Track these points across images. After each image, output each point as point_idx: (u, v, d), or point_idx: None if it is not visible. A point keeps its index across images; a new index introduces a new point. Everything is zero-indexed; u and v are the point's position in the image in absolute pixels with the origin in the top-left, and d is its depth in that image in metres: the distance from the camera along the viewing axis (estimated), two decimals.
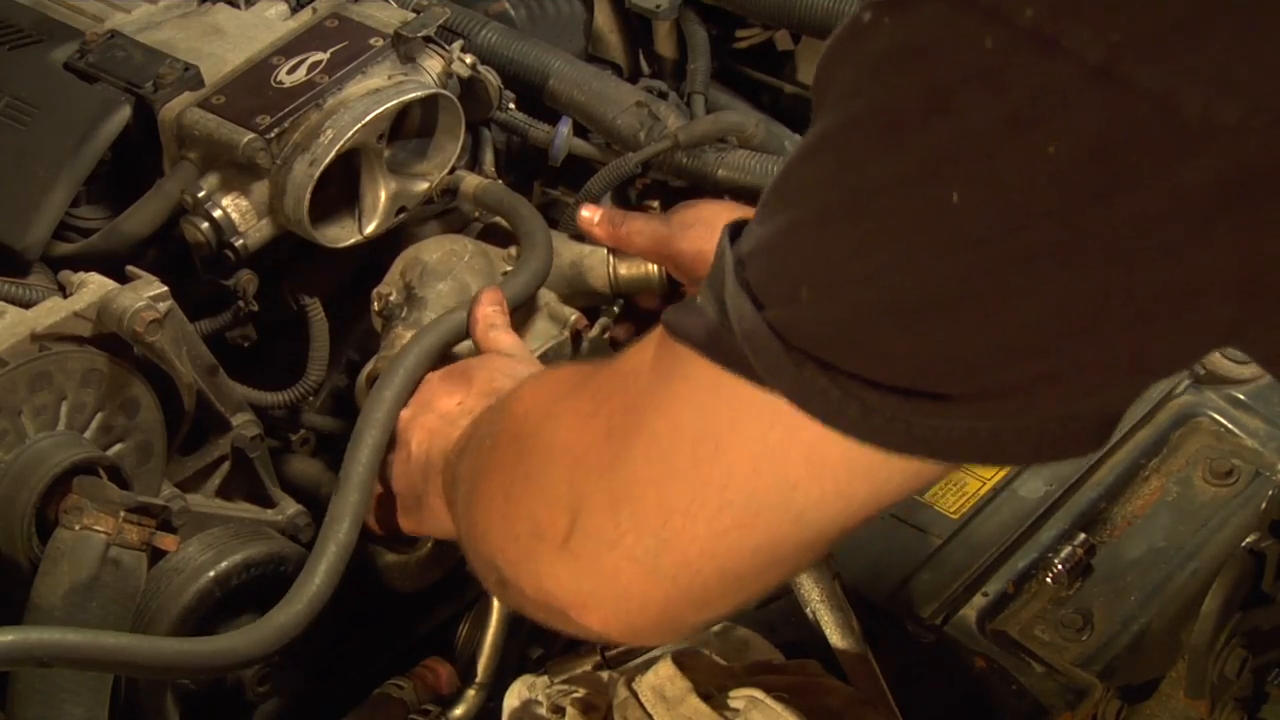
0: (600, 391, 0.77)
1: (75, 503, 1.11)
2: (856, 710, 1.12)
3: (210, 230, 1.32)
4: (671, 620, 0.76)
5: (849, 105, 0.59)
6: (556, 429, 0.79)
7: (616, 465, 0.73)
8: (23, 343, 1.15)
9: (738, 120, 1.58)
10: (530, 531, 0.79)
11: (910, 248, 0.58)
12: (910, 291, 0.58)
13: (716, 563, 0.71)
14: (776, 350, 0.62)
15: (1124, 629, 1.33)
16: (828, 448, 0.64)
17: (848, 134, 0.59)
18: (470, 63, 1.46)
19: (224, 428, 1.32)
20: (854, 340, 0.61)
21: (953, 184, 0.55)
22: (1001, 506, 1.41)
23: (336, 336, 1.45)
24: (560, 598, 0.77)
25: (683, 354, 0.69)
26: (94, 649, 1.05)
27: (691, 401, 0.69)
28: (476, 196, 1.44)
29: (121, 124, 1.33)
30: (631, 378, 0.74)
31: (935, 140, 0.55)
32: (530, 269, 1.33)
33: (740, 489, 0.68)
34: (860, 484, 0.67)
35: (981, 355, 0.59)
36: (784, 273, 0.62)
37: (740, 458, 0.67)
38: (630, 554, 0.72)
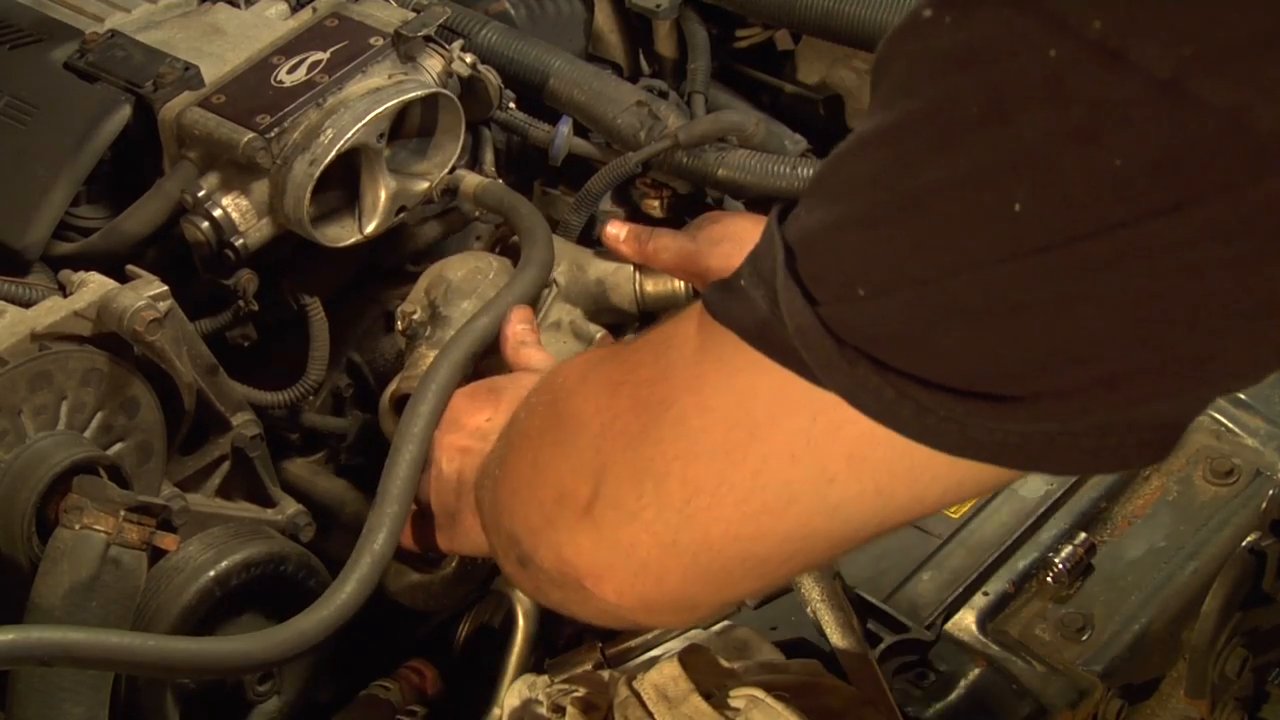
0: (632, 361, 0.76)
1: (75, 502, 1.11)
2: (857, 710, 1.12)
3: (210, 230, 1.32)
4: (687, 599, 0.76)
5: (904, 103, 0.58)
6: (586, 396, 0.79)
7: (643, 437, 0.72)
8: (23, 342, 1.15)
9: (738, 120, 1.58)
10: (554, 498, 0.78)
11: (969, 252, 0.57)
12: (969, 295, 0.58)
13: (740, 545, 0.70)
14: (829, 347, 0.62)
15: (1124, 629, 1.33)
16: (872, 446, 0.64)
17: (902, 133, 0.59)
18: (470, 62, 1.46)
19: (224, 427, 1.32)
20: (910, 340, 0.60)
21: (1013, 192, 0.55)
22: (1002, 506, 1.41)
23: (336, 336, 1.45)
24: (579, 567, 0.77)
25: (722, 336, 0.68)
26: (101, 648, 1.04)
27: (727, 385, 0.68)
28: (476, 196, 1.44)
29: (121, 123, 1.33)
30: (665, 350, 0.73)
31: (994, 147, 0.55)
32: (534, 266, 1.33)
33: (775, 476, 0.67)
34: (901, 485, 0.66)
35: (1040, 359, 0.58)
36: (837, 269, 0.62)
37: (778, 446, 0.67)
38: (650, 527, 0.72)
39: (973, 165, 0.56)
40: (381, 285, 1.53)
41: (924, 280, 0.58)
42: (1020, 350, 0.58)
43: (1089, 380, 0.59)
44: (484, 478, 0.96)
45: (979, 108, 0.55)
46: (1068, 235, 0.54)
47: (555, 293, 1.37)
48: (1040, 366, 0.59)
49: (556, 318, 1.36)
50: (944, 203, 0.57)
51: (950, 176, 0.56)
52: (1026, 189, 0.54)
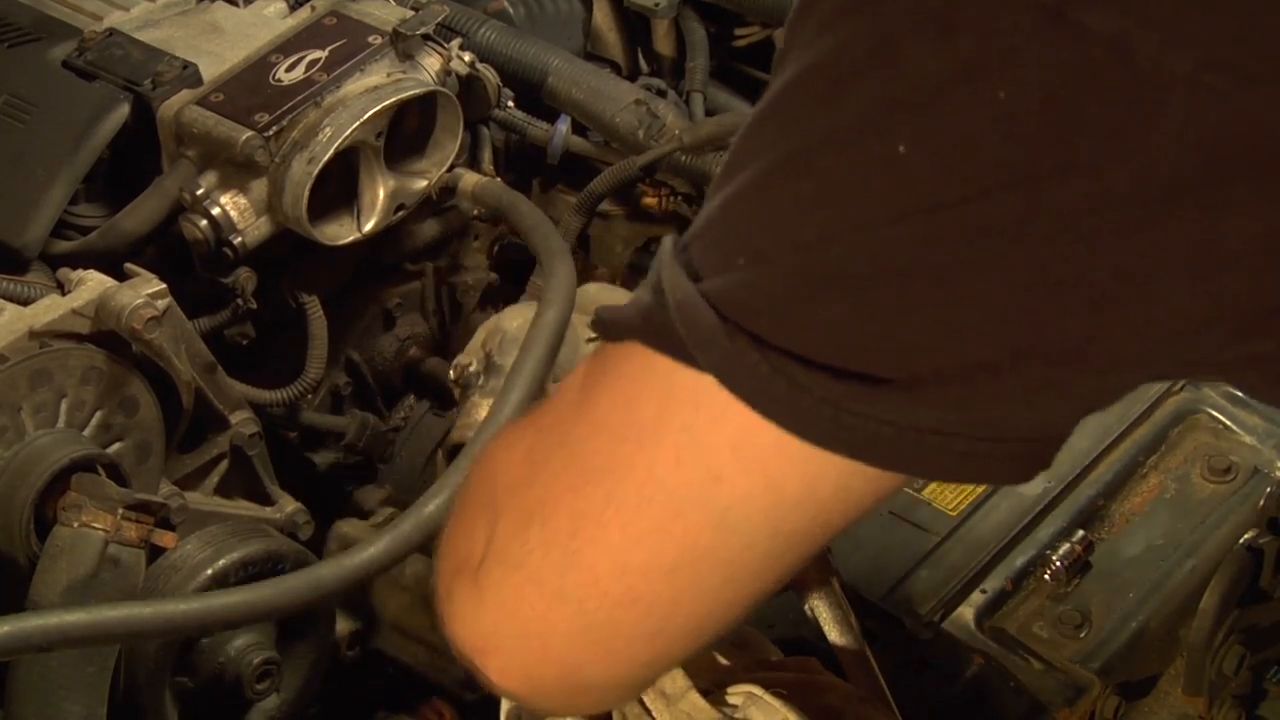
0: (531, 416, 0.72)
1: (74, 500, 1.11)
2: (855, 707, 1.12)
3: (209, 228, 1.32)
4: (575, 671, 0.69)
5: (797, 61, 0.57)
6: (491, 459, 0.73)
7: (532, 479, 0.67)
8: (21, 340, 1.15)
9: (742, 121, 1.57)
10: (454, 569, 0.72)
11: (853, 209, 0.55)
12: (851, 261, 0.55)
13: (627, 580, 0.65)
14: (709, 321, 0.59)
15: (1122, 626, 1.33)
16: (756, 433, 0.60)
17: (792, 91, 0.57)
18: (469, 61, 1.46)
19: (223, 426, 1.33)
20: (788, 310, 0.58)
21: (899, 135, 0.53)
22: (1000, 503, 1.41)
23: (335, 334, 1.45)
24: (466, 640, 0.70)
25: (609, 353, 0.65)
26: (98, 623, 1.04)
27: (616, 396, 0.64)
28: (475, 194, 1.44)
29: (120, 122, 1.34)
30: (559, 396, 0.69)
31: (881, 91, 0.54)
32: (560, 261, 1.31)
33: (661, 484, 0.63)
34: (791, 477, 0.61)
35: (921, 333, 0.56)
36: (723, 242, 0.60)
37: (663, 448, 0.62)
38: (535, 575, 0.66)
39: (859, 112, 0.54)
40: (380, 283, 1.53)
41: (803, 244, 0.56)
42: (901, 322, 0.56)
43: (971, 361, 0.56)
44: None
45: (867, 53, 0.54)
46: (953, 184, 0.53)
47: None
48: (921, 341, 0.56)
49: None
50: (828, 156, 0.55)
51: (836, 126, 0.55)
52: (911, 130, 0.53)
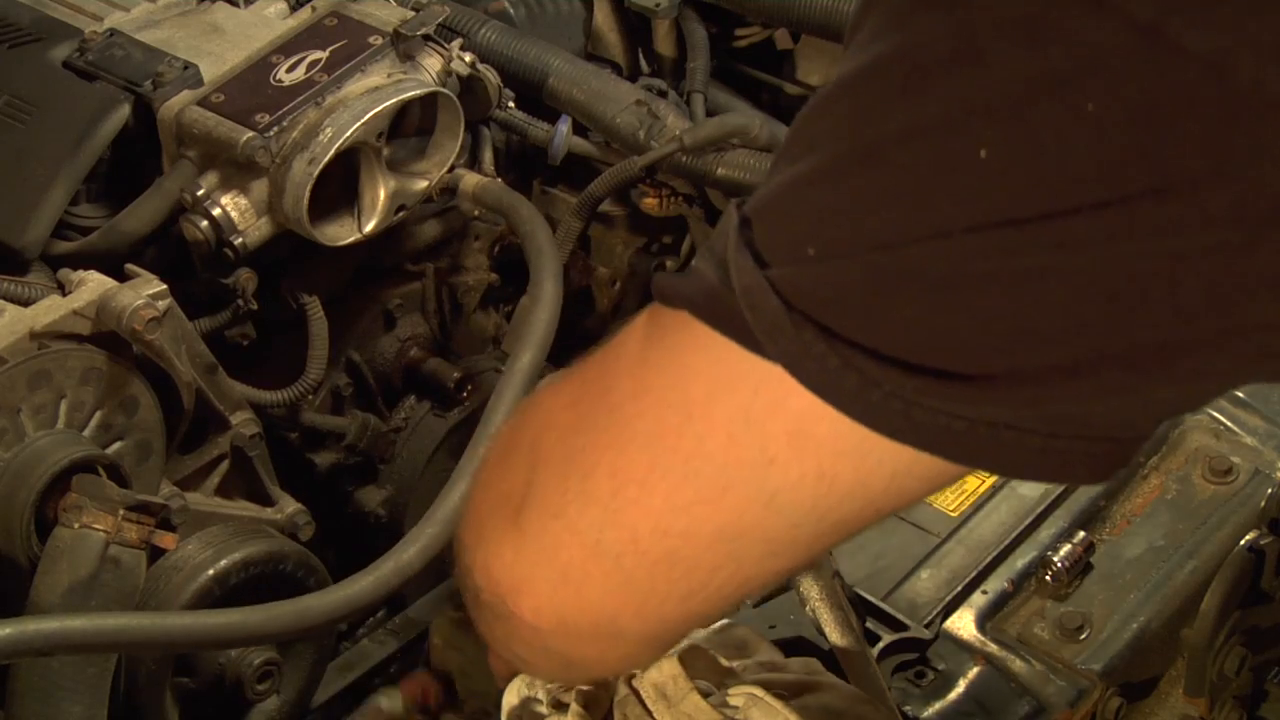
0: (582, 364, 0.71)
1: (74, 501, 1.11)
2: (856, 708, 1.12)
3: (209, 229, 1.32)
4: (608, 619, 0.70)
5: (871, 49, 0.55)
6: (537, 405, 0.74)
7: (576, 428, 0.67)
8: (22, 340, 1.15)
9: (743, 122, 1.57)
10: (490, 508, 0.73)
11: (931, 210, 0.54)
12: (929, 264, 0.54)
13: (668, 543, 0.65)
14: (776, 310, 0.58)
15: (1123, 627, 1.33)
16: (815, 422, 0.59)
17: (867, 80, 0.55)
18: (469, 61, 1.46)
19: (223, 426, 1.33)
20: (861, 306, 0.57)
21: (981, 139, 0.52)
22: (1001, 504, 1.41)
23: (336, 335, 1.45)
24: (501, 581, 0.71)
25: (667, 318, 0.64)
26: (97, 632, 1.04)
27: (668, 366, 0.64)
28: (476, 195, 1.44)
29: (121, 122, 1.34)
30: (612, 347, 0.68)
31: (964, 90, 0.52)
32: (549, 272, 1.32)
33: (710, 458, 0.62)
34: (846, 467, 0.61)
35: (1001, 335, 0.55)
36: (791, 229, 0.58)
37: (715, 425, 0.62)
38: (573, 525, 0.67)
39: (940, 109, 0.53)
40: (381, 284, 1.53)
41: (880, 245, 0.55)
42: (980, 324, 0.55)
43: (1050, 363, 0.55)
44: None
45: (949, 48, 0.52)
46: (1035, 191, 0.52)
47: None
48: (999, 343, 0.55)
49: None
50: (906, 152, 0.54)
51: (914, 123, 0.53)
52: (996, 134, 0.52)
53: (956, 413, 0.57)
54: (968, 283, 0.54)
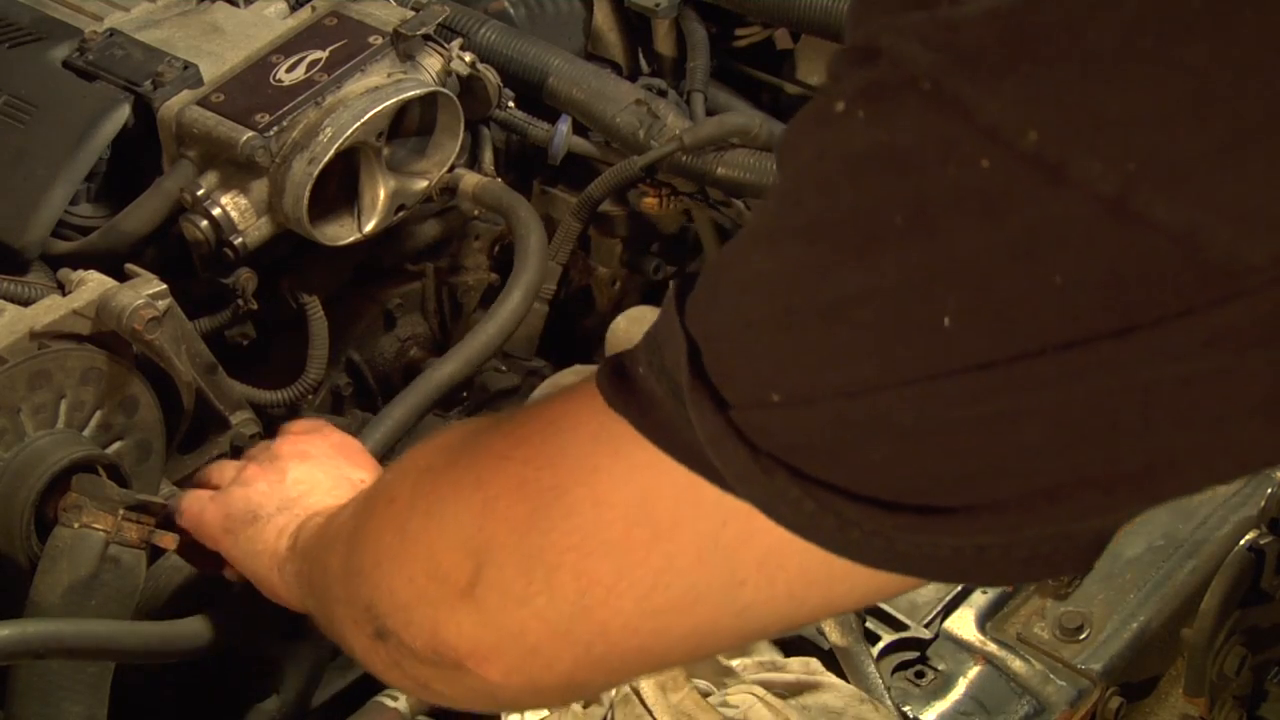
0: (518, 435, 0.69)
1: (74, 501, 1.11)
2: (856, 708, 1.12)
3: (209, 228, 1.32)
4: (579, 685, 0.72)
5: (818, 200, 0.54)
6: (467, 467, 0.72)
7: (530, 524, 0.66)
8: (21, 340, 1.15)
9: (743, 122, 1.58)
10: (427, 573, 0.72)
11: (896, 366, 0.53)
12: (897, 411, 0.53)
13: (640, 639, 0.65)
14: (743, 456, 0.57)
15: (1123, 627, 1.33)
16: (787, 554, 0.59)
17: (818, 233, 0.54)
18: (469, 61, 1.46)
19: (223, 426, 1.33)
20: (832, 451, 0.56)
21: (943, 306, 0.50)
22: None
23: (335, 335, 1.45)
24: (458, 647, 0.70)
25: (619, 426, 0.63)
26: (93, 636, 1.05)
27: (626, 481, 0.63)
28: (475, 195, 1.44)
29: (120, 122, 1.34)
30: (555, 432, 0.67)
31: (921, 260, 0.51)
32: (522, 284, 1.33)
33: (680, 576, 0.62)
34: (816, 591, 0.62)
35: (976, 473, 0.54)
36: (749, 371, 0.57)
37: (683, 547, 0.62)
38: (541, 614, 0.66)
39: (898, 276, 0.51)
40: (381, 284, 1.53)
41: (846, 392, 0.54)
42: (955, 465, 0.54)
43: (1028, 492, 0.54)
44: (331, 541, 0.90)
45: (903, 217, 0.51)
46: (1004, 352, 0.50)
47: None
48: (976, 480, 0.54)
49: None
50: (866, 312, 0.53)
51: (873, 286, 0.52)
52: (957, 304, 0.50)
53: (940, 541, 0.57)
54: (938, 426, 0.53)
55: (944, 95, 0.49)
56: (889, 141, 0.51)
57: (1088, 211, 0.47)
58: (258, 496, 1.07)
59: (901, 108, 0.51)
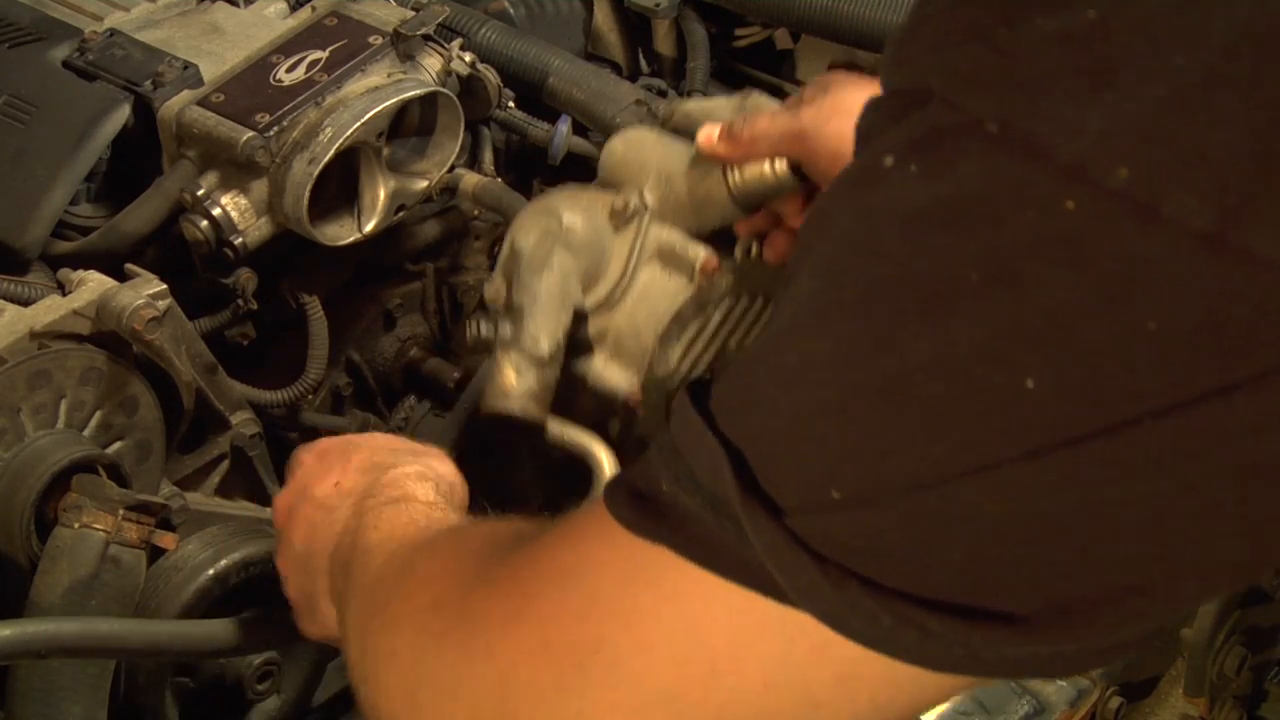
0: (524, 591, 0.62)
1: (74, 501, 1.11)
2: None
3: (209, 228, 1.32)
4: None
5: (870, 267, 0.49)
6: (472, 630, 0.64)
7: (562, 688, 0.59)
8: (22, 340, 1.15)
9: None
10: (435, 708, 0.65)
11: (975, 445, 0.48)
12: (978, 502, 0.48)
13: None
14: (808, 567, 0.52)
15: None
16: (867, 665, 0.54)
17: (873, 303, 0.49)
18: (469, 61, 1.46)
19: (223, 426, 1.33)
20: (907, 555, 0.51)
21: (1026, 366, 0.46)
22: None
23: (335, 335, 1.45)
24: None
25: (650, 555, 0.57)
26: (95, 636, 1.05)
27: (672, 615, 0.57)
28: (476, 195, 1.44)
29: (120, 122, 1.33)
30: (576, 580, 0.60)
31: (999, 317, 0.46)
32: None
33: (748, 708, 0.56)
34: (901, 696, 0.56)
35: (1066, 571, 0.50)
36: (805, 470, 0.52)
37: (748, 678, 0.56)
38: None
39: (972, 338, 0.47)
40: (381, 284, 1.53)
41: (917, 484, 0.49)
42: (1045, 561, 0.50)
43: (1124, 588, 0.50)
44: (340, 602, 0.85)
45: (978, 273, 0.46)
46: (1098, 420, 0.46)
47: (648, 217, 1.19)
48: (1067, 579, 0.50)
49: (656, 244, 1.19)
50: (936, 384, 0.48)
51: (943, 352, 0.47)
52: (1042, 360, 0.46)
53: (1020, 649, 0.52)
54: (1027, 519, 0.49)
55: (1014, 135, 0.46)
56: (952, 193, 0.47)
57: (1183, 249, 0.44)
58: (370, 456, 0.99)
59: (963, 155, 0.47)
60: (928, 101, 0.48)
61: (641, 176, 1.19)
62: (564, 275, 1.14)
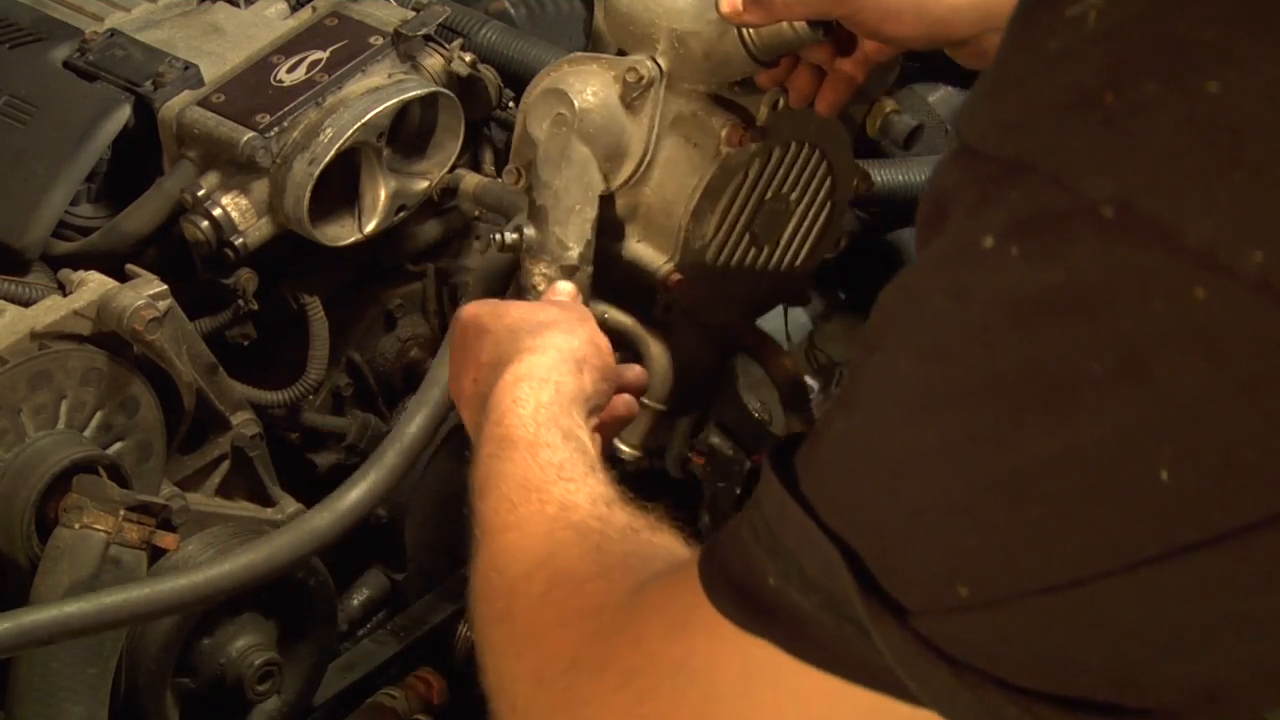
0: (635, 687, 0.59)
1: (75, 501, 1.11)
2: None
3: (210, 229, 1.32)
4: None
5: (981, 357, 0.47)
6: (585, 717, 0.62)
7: None
8: (22, 341, 1.15)
9: None
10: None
11: (1110, 541, 0.46)
12: (1115, 599, 0.46)
13: None
14: (943, 674, 0.50)
15: None
16: None
17: (989, 396, 0.47)
18: (470, 61, 1.46)
19: (224, 426, 1.33)
20: (1044, 656, 0.49)
21: (1159, 460, 0.44)
22: None
23: (336, 335, 1.45)
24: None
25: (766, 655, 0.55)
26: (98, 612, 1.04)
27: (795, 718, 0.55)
28: (476, 195, 1.44)
29: (121, 122, 1.33)
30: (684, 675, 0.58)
31: (1131, 409, 0.44)
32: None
33: None
34: None
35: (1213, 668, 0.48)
36: (930, 569, 0.50)
37: None
38: None
39: (1102, 431, 0.45)
40: (381, 284, 1.53)
41: (1054, 584, 0.47)
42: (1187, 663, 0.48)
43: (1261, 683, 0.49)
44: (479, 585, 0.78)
45: (1103, 365, 0.44)
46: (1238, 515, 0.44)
47: (660, 81, 1.11)
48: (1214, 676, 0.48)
49: (674, 113, 1.12)
50: (1064, 479, 0.46)
51: (1070, 447, 0.45)
52: (1177, 453, 0.44)
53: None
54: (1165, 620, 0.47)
55: (1135, 220, 0.43)
56: (1066, 281, 0.45)
57: None
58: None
59: (1075, 240, 0.44)
60: (1028, 174, 0.46)
61: (650, 36, 1.09)
62: (583, 167, 1.09)
